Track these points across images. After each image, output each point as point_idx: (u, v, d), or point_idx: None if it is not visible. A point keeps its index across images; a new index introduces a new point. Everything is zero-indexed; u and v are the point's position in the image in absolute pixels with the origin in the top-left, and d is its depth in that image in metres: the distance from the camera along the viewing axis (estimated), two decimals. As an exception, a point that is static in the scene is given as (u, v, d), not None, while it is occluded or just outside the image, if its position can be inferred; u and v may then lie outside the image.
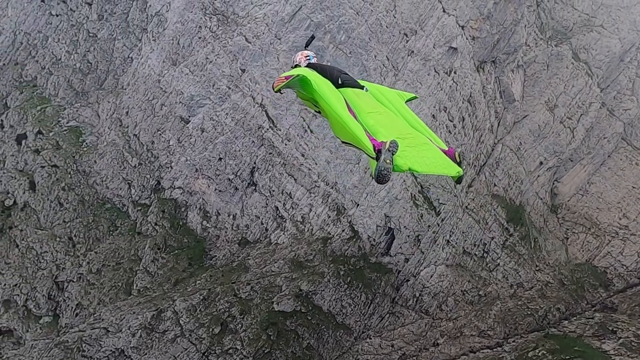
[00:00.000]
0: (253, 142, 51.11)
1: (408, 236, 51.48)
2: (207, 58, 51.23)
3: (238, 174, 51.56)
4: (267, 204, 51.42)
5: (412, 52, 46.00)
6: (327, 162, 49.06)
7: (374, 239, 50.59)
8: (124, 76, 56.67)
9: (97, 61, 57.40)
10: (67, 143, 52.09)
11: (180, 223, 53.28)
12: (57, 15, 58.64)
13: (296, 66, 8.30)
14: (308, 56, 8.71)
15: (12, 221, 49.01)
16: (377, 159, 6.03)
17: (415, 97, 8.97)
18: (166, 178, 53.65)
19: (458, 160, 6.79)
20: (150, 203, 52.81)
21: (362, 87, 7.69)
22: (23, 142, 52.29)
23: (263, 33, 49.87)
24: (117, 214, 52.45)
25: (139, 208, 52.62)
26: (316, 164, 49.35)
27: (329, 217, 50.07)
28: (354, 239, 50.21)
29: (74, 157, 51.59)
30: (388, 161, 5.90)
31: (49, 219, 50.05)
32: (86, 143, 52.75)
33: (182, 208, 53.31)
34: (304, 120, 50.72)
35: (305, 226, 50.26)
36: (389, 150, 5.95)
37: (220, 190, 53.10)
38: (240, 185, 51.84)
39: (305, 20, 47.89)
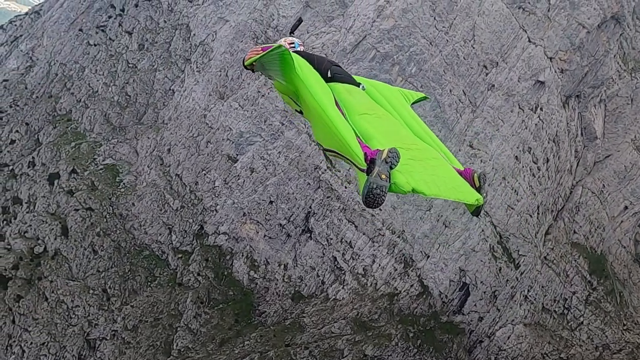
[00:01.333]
0: (309, 184, 47.60)
1: (484, 292, 47.04)
2: (258, 91, 48.28)
3: (291, 219, 48.47)
4: (323, 254, 47.74)
5: (493, 86, 42.26)
6: (393, 207, 45.41)
7: (446, 296, 46.31)
8: (164, 110, 53.95)
9: (136, 94, 54.99)
10: (103, 183, 49.09)
11: (225, 273, 50.21)
12: (95, 45, 56.72)
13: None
14: (293, 43, 6.85)
15: (41, 271, 45.85)
16: (369, 171, 4.30)
17: (426, 98, 7.40)
18: (210, 223, 50.58)
19: (477, 184, 4.96)
20: (192, 250, 50.16)
21: (357, 84, 6.19)
22: (56, 182, 49.55)
23: None
24: (156, 262, 49.26)
25: (180, 256, 49.57)
26: (380, 209, 46.08)
27: (396, 270, 46.13)
28: (424, 296, 45.97)
29: (110, 198, 48.56)
30: (384, 176, 4.16)
31: (81, 269, 46.87)
32: (123, 183, 49.71)
33: (227, 256, 50.17)
34: (367, 161, 46.22)
35: (367, 280, 46.33)
36: (386, 162, 4.23)
37: (270, 237, 49.55)
38: (294, 231, 48.80)
39: (370, 50, 44.71)
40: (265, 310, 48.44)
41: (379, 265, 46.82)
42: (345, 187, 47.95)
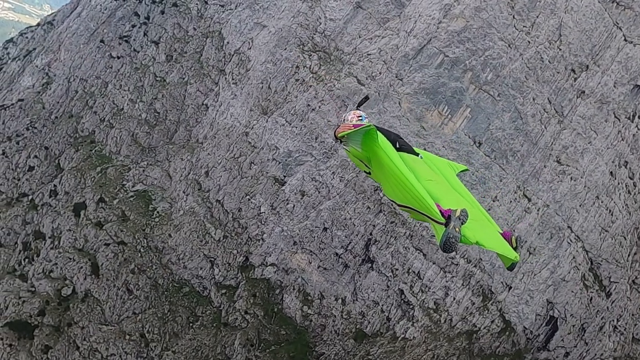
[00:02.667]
0: (368, 208, 44.63)
1: (573, 325, 43.06)
2: (308, 105, 44.89)
3: (349, 247, 44.98)
4: (388, 286, 44.74)
5: (583, 92, 38.45)
6: None
7: (531, 331, 42.43)
8: (198, 127, 50.70)
9: (166, 110, 51.98)
10: (135, 212, 45.77)
11: (276, 310, 46.23)
12: (118, 58, 53.74)
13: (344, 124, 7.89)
14: (360, 116, 8.19)
15: (71, 316, 42.52)
16: (446, 224, 5.89)
17: (467, 169, 9.08)
18: (256, 253, 47.26)
19: (514, 245, 6.67)
20: (237, 285, 47.37)
21: (417, 154, 7.81)
22: (82, 212, 46.33)
23: (380, 73, 43.30)
24: (198, 300, 46.55)
25: (224, 291, 47.49)
26: None
27: (473, 304, 42.57)
28: (507, 332, 42.30)
29: (143, 230, 45.31)
30: (457, 229, 5.82)
31: (115, 311, 43.64)
32: (157, 212, 46.39)
33: (276, 290, 47.75)
34: (435, 180, 42.41)
35: (441, 316, 42.72)
36: (459, 218, 5.86)
37: (325, 268, 46.97)
38: (352, 261, 45.39)
39: (436, 55, 41.03)
40: (324, 351, 45.13)
41: (454, 298, 43.17)
42: None
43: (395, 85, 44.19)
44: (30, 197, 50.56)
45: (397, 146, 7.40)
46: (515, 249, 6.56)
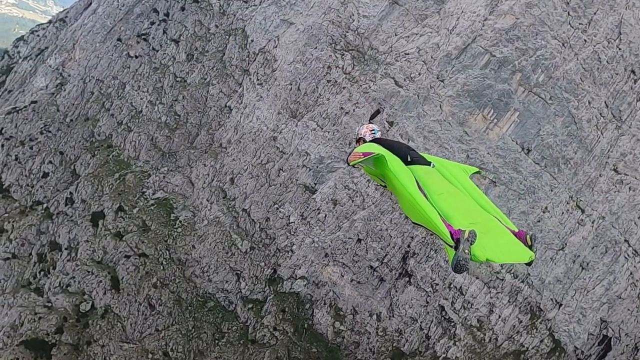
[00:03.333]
0: (406, 217, 41.03)
1: (627, 345, 40.81)
2: (341, 108, 43.03)
3: (385, 260, 43.06)
4: (427, 302, 43.21)
5: (645, 95, 35.79)
6: None
7: (582, 352, 40.01)
8: (221, 131, 48.98)
9: (187, 112, 50.29)
10: (156, 222, 43.99)
11: (305, 325, 44.79)
12: (136, 57, 52.02)
13: (359, 139, 8.60)
14: (373, 130, 8.60)
15: (90, 333, 40.90)
16: (456, 248, 6.03)
17: (479, 172, 8.97)
18: (285, 266, 45.49)
19: (530, 243, 6.80)
20: (265, 299, 46.04)
21: (429, 163, 7.83)
22: (100, 222, 44.62)
23: (419, 74, 41.25)
24: (223, 315, 45.57)
25: (251, 306, 46.41)
26: None
27: (520, 322, 40.90)
28: (556, 352, 40.55)
29: (166, 241, 43.57)
30: (467, 251, 5.95)
31: (137, 328, 42.11)
32: (180, 221, 44.64)
33: (306, 305, 46.69)
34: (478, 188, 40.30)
35: (485, 334, 41.08)
36: (468, 240, 6.00)
37: (358, 282, 45.86)
38: (388, 275, 43.46)
39: (481, 55, 38.98)
40: (359, 371, 42.84)
41: (499, 316, 41.36)
42: None
43: (436, 87, 42.21)
44: (45, 206, 48.99)
45: (409, 159, 7.58)
46: (530, 247, 6.77)
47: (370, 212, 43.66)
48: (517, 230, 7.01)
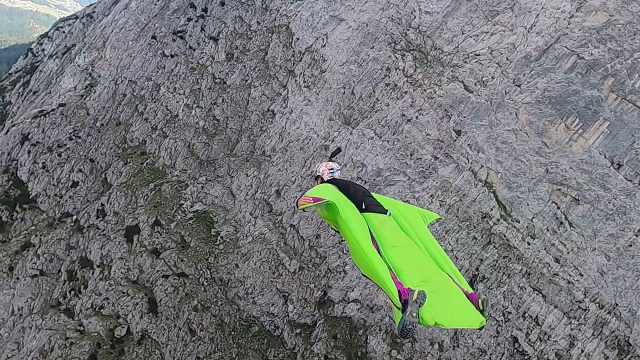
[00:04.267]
0: (474, 238, 40.79)
1: None
2: (402, 115, 40.26)
3: None
4: (498, 332, 41.35)
5: None
6: (601, 272, 38.39)
7: (679, 394, 36.77)
8: (263, 137, 46.57)
9: (227, 117, 48.00)
10: (196, 238, 41.50)
11: (359, 353, 43.53)
12: (172, 56, 49.66)
13: (317, 177, 8.78)
14: (332, 169, 8.78)
15: None
16: (403, 310, 6.06)
17: (440, 218, 11.72)
18: (337, 287, 43.01)
19: (481, 307, 6.85)
20: (314, 323, 42.83)
21: (385, 211, 7.77)
22: (135, 238, 41.96)
23: (492, 77, 38.23)
24: (269, 340, 44.88)
25: (299, 331, 43.18)
26: (581, 274, 37.70)
27: (606, 357, 37.96)
28: None
29: (206, 259, 41.02)
30: (414, 314, 5.93)
31: (176, 356, 41.03)
32: (221, 237, 41.92)
33: (359, 330, 43.89)
34: (557, 207, 38.30)
35: None
36: (416, 302, 5.99)
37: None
38: None
39: (566, 57, 35.87)
40: (419, 406, 40.26)
41: (582, 350, 38.83)
42: (529, 244, 39.16)
43: (512, 92, 38.98)
44: (74, 218, 46.68)
45: (364, 207, 7.57)
46: (482, 312, 6.71)
47: (433, 230, 40.62)
48: (470, 291, 7.05)
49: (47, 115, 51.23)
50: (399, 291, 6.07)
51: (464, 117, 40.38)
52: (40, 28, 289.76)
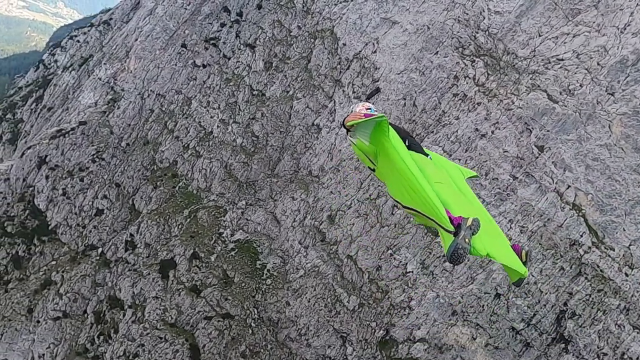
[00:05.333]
0: (562, 269, 36.71)
1: None
2: (476, 129, 38.15)
3: (532, 321, 37.30)
4: None
5: None
6: None
7: None
8: (309, 155, 44.38)
9: (267, 133, 46.05)
10: (240, 272, 39.26)
11: None
12: (204, 66, 47.62)
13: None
14: (369, 109, 8.60)
15: None
16: (456, 234, 6.11)
17: (477, 176, 9.39)
18: (401, 326, 40.03)
19: (524, 259, 7.07)
20: None
21: (426, 155, 8.10)
22: (171, 273, 38.86)
23: (581, 85, 35.27)
24: None
25: None
26: None
27: None
28: None
29: (253, 297, 38.12)
30: (467, 240, 5.99)
31: None
32: (268, 270, 38.88)
33: None
34: (659, 232, 35.44)
35: None
36: (470, 228, 6.06)
37: (495, 347, 38.30)
38: (537, 340, 37.13)
39: None
40: None
41: None
42: (627, 275, 36.42)
43: (605, 102, 36.09)
44: (100, 251, 43.96)
45: (407, 144, 7.62)
46: (524, 263, 6.76)
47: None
48: (511, 244, 7.18)
49: (66, 135, 48.53)
50: (449, 218, 6.02)
51: (548, 130, 37.49)
52: (38, 37, 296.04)
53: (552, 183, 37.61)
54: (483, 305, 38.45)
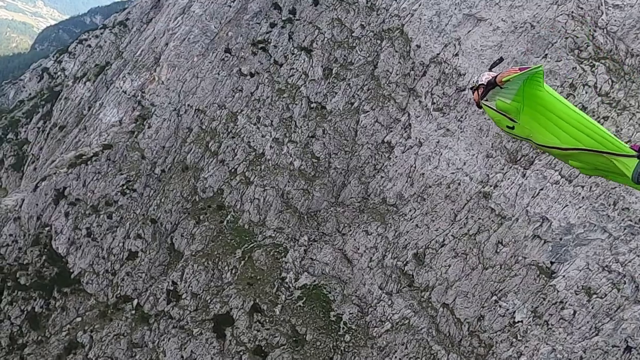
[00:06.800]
0: None
1: None
2: None
3: None
4: None
5: None
6: None
7: None
8: (379, 179, 38.83)
9: (329, 153, 41.30)
10: (313, 328, 34.54)
11: None
12: (251, 75, 44.42)
13: (480, 86, 7.31)
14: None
15: None
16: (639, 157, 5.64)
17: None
18: None
19: None
20: None
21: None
22: (228, 332, 34.49)
23: None
24: None
25: None
26: None
27: None
28: None
29: (331, 358, 32.53)
30: None
31: None
32: (345, 324, 34.05)
33: None
34: None
35: None
36: None
37: None
38: None
39: None
40: None
41: None
42: None
43: None
44: (135, 303, 38.71)
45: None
46: None
47: None
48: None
49: (88, 162, 43.94)
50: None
51: (693, 150, 33.25)
52: (19, 37, 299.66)
53: (700, 213, 33.60)
54: (615, 360, 35.04)
